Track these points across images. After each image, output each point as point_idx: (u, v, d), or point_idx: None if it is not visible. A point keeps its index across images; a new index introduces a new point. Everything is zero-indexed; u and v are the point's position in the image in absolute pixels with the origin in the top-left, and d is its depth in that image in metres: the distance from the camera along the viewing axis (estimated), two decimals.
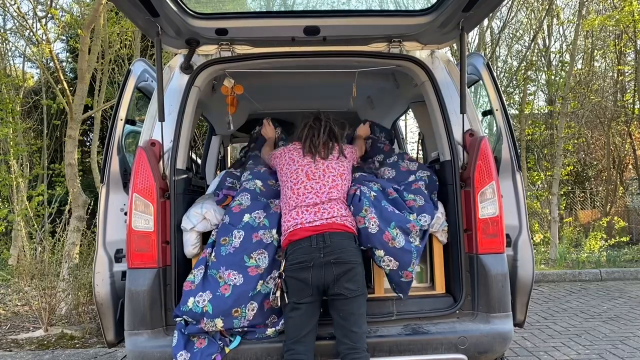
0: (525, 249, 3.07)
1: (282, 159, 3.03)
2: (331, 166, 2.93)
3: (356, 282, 2.61)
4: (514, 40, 12.93)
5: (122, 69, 10.09)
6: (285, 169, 2.97)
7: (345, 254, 2.61)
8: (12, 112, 8.35)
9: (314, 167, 2.91)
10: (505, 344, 2.85)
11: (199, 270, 2.79)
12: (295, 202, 2.80)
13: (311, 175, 2.87)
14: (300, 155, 3.00)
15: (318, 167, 2.91)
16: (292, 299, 2.59)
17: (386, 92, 4.52)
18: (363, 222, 2.80)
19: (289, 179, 2.91)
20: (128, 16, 2.82)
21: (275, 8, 4.01)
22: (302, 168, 2.92)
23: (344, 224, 2.72)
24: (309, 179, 2.85)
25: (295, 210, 2.77)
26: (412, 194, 3.08)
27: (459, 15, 2.75)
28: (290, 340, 2.58)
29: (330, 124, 3.07)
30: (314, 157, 2.96)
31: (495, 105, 3.27)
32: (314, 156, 2.96)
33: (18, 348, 5.00)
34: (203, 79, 3.19)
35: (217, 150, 5.56)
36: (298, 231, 2.67)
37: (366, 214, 2.80)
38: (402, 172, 3.31)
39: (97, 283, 2.96)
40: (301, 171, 2.90)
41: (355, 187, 2.96)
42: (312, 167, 2.91)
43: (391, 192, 3.05)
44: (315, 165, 2.92)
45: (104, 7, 7.05)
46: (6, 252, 8.94)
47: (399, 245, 2.78)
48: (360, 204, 2.85)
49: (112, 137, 3.17)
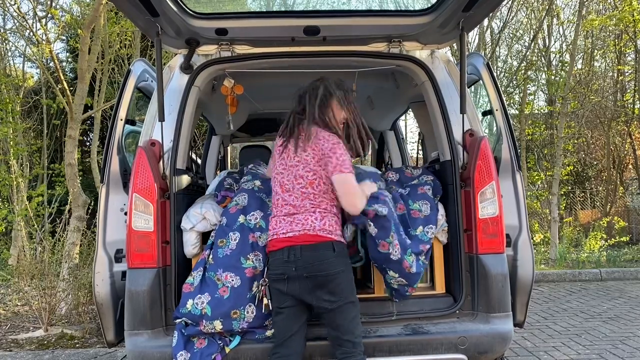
0: (525, 249, 3.07)
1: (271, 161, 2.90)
2: (299, 171, 2.61)
3: (336, 293, 2.48)
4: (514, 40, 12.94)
5: (122, 69, 10.09)
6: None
7: (318, 266, 2.47)
8: (12, 112, 8.35)
9: (287, 172, 2.64)
10: (505, 344, 2.84)
11: (197, 272, 2.79)
12: (274, 210, 2.67)
13: (285, 186, 2.63)
14: (278, 152, 2.75)
15: (290, 172, 2.63)
16: (275, 304, 2.58)
17: (386, 92, 4.51)
18: (387, 248, 2.67)
19: (272, 183, 2.75)
20: (128, 16, 2.82)
21: (275, 8, 4.01)
22: (277, 176, 2.70)
23: (317, 235, 2.51)
24: (283, 191, 2.63)
25: (274, 218, 2.65)
26: (418, 201, 3.03)
27: (459, 15, 2.75)
28: (277, 343, 2.57)
29: (309, 93, 2.76)
30: (284, 153, 2.69)
31: (495, 105, 3.27)
32: (283, 153, 2.70)
33: (18, 348, 5.00)
34: (203, 79, 3.19)
35: (217, 150, 5.56)
36: (274, 242, 2.58)
37: (392, 240, 2.67)
38: (406, 177, 3.30)
39: (97, 283, 2.96)
40: (276, 180, 2.70)
41: (383, 207, 2.68)
42: (285, 173, 2.65)
43: (400, 207, 2.99)
44: (288, 171, 2.64)
45: (104, 7, 7.05)
46: (6, 252, 8.94)
47: (414, 270, 2.79)
48: (387, 229, 2.66)
49: (112, 137, 3.17)
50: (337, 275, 2.49)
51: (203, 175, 5.06)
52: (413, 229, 2.95)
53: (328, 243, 2.52)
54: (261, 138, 6.38)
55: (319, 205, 2.57)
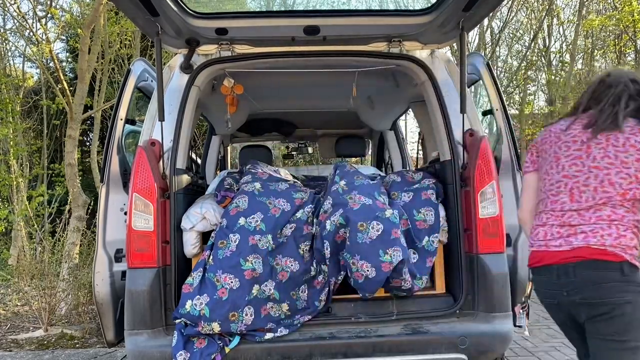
0: (525, 249, 3.06)
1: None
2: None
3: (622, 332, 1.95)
4: (514, 40, 12.95)
5: (122, 69, 10.09)
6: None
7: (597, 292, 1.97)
8: (12, 112, 8.36)
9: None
10: (505, 344, 2.84)
11: (197, 273, 2.79)
12: (545, 217, 2.18)
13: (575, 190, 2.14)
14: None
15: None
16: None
17: (386, 92, 4.51)
18: (400, 283, 2.77)
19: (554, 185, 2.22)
20: (128, 16, 2.83)
21: (275, 8, 4.01)
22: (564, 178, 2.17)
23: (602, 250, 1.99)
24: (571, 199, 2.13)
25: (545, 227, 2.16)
26: (422, 208, 3.01)
27: (459, 15, 2.75)
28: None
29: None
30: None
31: (495, 105, 3.27)
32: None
33: (18, 348, 5.00)
34: (203, 79, 3.19)
35: (217, 150, 5.56)
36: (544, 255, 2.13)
37: (404, 277, 2.76)
38: (408, 181, 3.29)
39: (97, 283, 2.97)
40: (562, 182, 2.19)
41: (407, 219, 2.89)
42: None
43: (405, 223, 2.97)
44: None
45: (104, 7, 7.05)
46: (6, 252, 8.94)
47: (420, 287, 2.91)
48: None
49: (112, 136, 3.18)
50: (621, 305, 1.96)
51: (203, 175, 5.06)
52: (419, 242, 2.95)
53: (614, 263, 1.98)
54: (261, 138, 6.38)
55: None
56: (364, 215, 2.76)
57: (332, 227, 2.77)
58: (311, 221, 2.96)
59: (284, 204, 2.99)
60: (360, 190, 2.94)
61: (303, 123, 5.91)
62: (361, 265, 2.67)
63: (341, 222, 2.76)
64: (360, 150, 6.20)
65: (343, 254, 2.76)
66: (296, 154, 8.12)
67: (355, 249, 2.70)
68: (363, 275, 2.68)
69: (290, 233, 2.90)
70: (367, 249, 2.68)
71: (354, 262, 2.69)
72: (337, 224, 2.77)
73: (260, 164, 3.56)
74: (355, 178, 3.08)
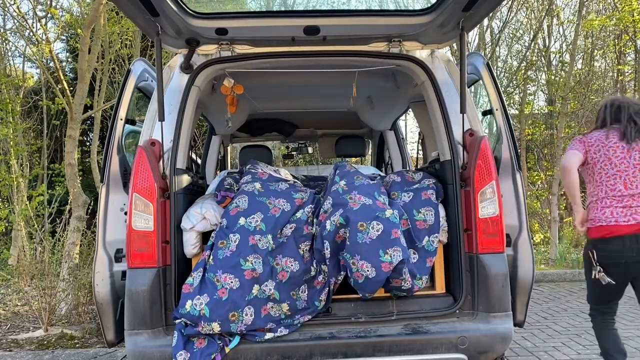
0: (525, 249, 3.07)
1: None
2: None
3: None
4: (514, 40, 12.92)
5: (122, 69, 10.09)
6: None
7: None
8: (12, 112, 8.35)
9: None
10: (505, 344, 2.85)
11: (197, 273, 2.79)
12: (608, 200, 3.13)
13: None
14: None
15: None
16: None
17: (386, 92, 4.52)
18: (400, 283, 2.79)
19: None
20: (128, 16, 2.82)
21: (275, 8, 4.01)
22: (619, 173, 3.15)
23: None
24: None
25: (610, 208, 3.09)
26: (422, 208, 3.01)
27: (459, 15, 2.75)
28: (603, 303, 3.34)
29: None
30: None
31: (495, 105, 3.27)
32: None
33: (18, 348, 5.00)
34: (203, 79, 3.19)
35: (217, 150, 5.56)
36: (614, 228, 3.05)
37: (405, 277, 2.77)
38: (407, 181, 3.29)
39: (97, 283, 2.96)
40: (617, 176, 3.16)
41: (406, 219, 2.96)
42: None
43: (405, 223, 2.97)
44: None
45: (104, 7, 7.05)
46: (6, 252, 8.93)
47: (419, 287, 2.92)
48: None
49: (112, 136, 3.17)
50: None
51: (203, 175, 5.06)
52: (419, 242, 2.95)
53: None
54: (261, 138, 6.39)
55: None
56: (364, 215, 2.76)
57: (332, 227, 2.77)
58: (311, 221, 2.96)
59: (284, 204, 2.99)
60: (360, 190, 2.94)
61: (303, 123, 5.92)
62: (361, 265, 2.67)
63: (341, 222, 2.76)
64: (360, 150, 6.20)
65: (343, 254, 2.76)
66: (296, 154, 8.13)
67: (355, 249, 2.70)
68: (363, 275, 2.68)
69: (290, 233, 2.90)
70: (367, 249, 2.68)
71: (354, 262, 2.70)
72: (337, 224, 2.77)
73: (260, 164, 3.57)
74: (355, 178, 3.08)
